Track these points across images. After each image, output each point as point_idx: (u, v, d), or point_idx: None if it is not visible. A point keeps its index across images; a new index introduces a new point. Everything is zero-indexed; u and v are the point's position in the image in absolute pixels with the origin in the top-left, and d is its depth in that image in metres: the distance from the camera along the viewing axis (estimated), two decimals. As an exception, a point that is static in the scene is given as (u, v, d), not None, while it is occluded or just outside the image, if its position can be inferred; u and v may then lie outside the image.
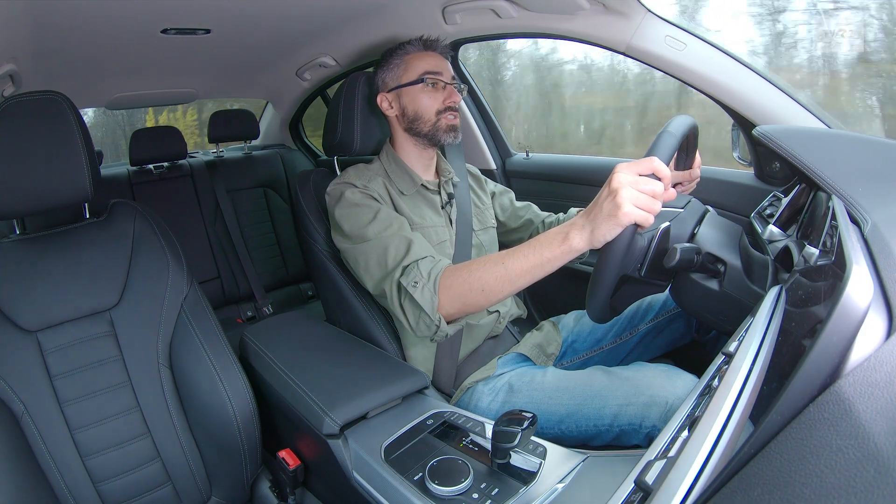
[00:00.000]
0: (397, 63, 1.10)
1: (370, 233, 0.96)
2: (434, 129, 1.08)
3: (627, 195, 0.65)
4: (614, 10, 1.06)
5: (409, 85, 1.08)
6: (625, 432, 0.84)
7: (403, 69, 1.10)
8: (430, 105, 1.08)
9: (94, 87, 1.66)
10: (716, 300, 0.74)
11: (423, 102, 1.08)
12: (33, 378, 0.87)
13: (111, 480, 0.90)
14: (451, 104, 1.08)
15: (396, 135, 1.14)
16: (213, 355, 0.97)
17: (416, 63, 1.09)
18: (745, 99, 1.03)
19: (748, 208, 0.92)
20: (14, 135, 0.85)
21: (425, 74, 1.07)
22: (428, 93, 1.08)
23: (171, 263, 1.01)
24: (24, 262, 0.92)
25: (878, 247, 0.45)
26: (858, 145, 0.77)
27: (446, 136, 1.09)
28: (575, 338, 1.17)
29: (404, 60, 1.10)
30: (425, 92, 1.08)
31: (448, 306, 0.86)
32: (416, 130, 1.09)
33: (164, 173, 1.98)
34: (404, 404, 0.89)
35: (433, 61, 1.09)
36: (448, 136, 1.09)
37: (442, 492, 0.66)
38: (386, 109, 1.12)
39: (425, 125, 1.08)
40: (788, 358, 0.43)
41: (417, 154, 1.12)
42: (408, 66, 1.09)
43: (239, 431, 0.94)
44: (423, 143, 1.11)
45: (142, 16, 1.12)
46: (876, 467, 0.27)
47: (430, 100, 1.08)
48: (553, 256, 0.75)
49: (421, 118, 1.08)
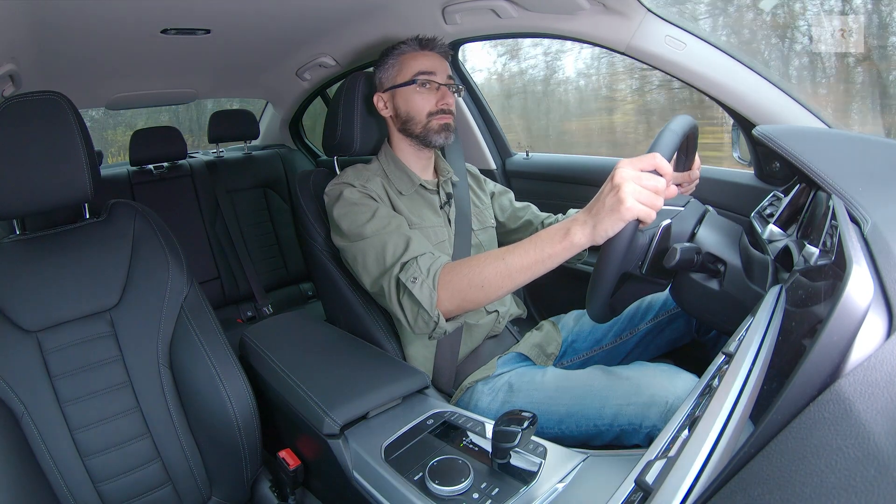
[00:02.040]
0: (392, 63, 1.10)
1: (368, 231, 0.95)
2: (425, 131, 1.08)
3: (630, 190, 0.65)
4: (614, 9, 1.06)
5: (403, 86, 1.08)
6: (625, 432, 0.84)
7: (398, 69, 1.09)
8: (423, 106, 1.07)
9: (94, 87, 1.66)
10: (716, 300, 0.74)
11: (415, 104, 1.07)
12: (34, 378, 0.87)
13: (111, 480, 0.90)
14: (443, 106, 1.07)
15: (392, 135, 1.14)
16: (213, 355, 0.96)
17: (411, 63, 1.08)
18: (745, 99, 1.03)
19: (748, 208, 0.92)
20: (14, 135, 0.85)
21: (418, 75, 1.07)
22: (421, 94, 1.07)
23: (171, 263, 1.01)
24: (24, 262, 0.92)
25: (878, 247, 0.45)
26: (858, 145, 0.77)
27: (437, 137, 1.08)
28: (575, 337, 1.17)
29: (399, 60, 1.10)
30: (418, 93, 1.07)
31: (447, 302, 0.85)
32: (408, 131, 1.09)
33: (164, 173, 1.98)
34: (404, 404, 0.89)
35: (428, 61, 1.08)
36: (439, 138, 1.08)
37: (442, 492, 0.66)
38: (381, 110, 1.12)
39: (416, 126, 1.08)
40: (788, 358, 0.43)
41: (414, 154, 1.12)
42: (402, 67, 1.09)
43: (239, 431, 0.94)
44: (417, 144, 1.10)
45: (142, 16, 1.12)
46: (876, 467, 0.27)
47: (422, 101, 1.07)
48: (554, 252, 0.75)
49: (412, 119, 1.08)
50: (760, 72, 1.02)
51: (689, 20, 1.05)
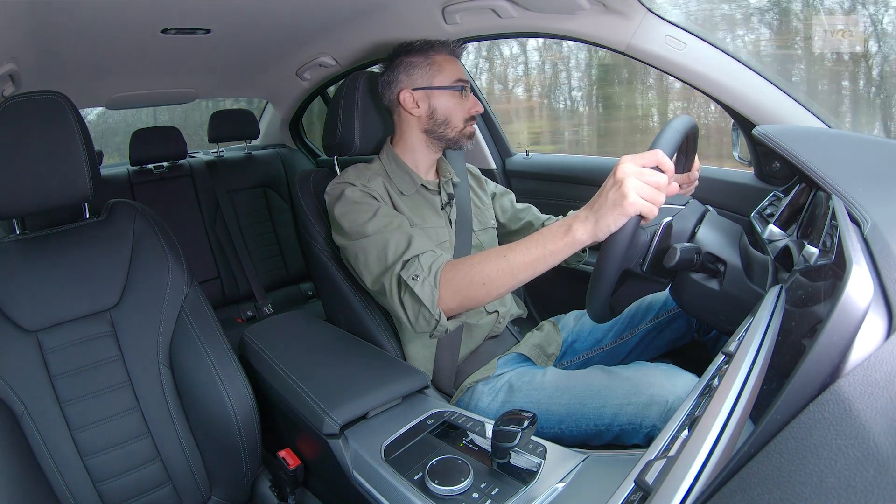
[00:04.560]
0: (426, 63, 1.09)
1: (370, 229, 0.95)
2: (459, 136, 1.11)
3: (633, 185, 0.66)
4: (614, 9, 1.06)
5: (445, 89, 1.08)
6: (625, 432, 0.85)
7: (437, 70, 1.09)
8: (461, 113, 1.10)
9: (94, 87, 1.66)
10: (716, 300, 0.74)
11: (455, 109, 1.10)
12: (34, 378, 0.87)
13: (111, 480, 0.90)
14: (474, 113, 1.12)
15: (408, 134, 1.12)
16: (213, 355, 0.96)
17: (449, 67, 1.09)
18: (745, 99, 1.03)
19: (748, 208, 0.92)
20: (14, 135, 0.85)
21: (458, 81, 1.09)
22: (460, 100, 1.10)
23: (171, 263, 1.01)
24: (24, 261, 0.92)
25: (878, 247, 0.45)
26: (858, 145, 0.77)
27: (468, 142, 1.14)
28: (575, 338, 1.17)
29: (435, 61, 1.09)
30: (457, 98, 1.10)
31: (448, 300, 0.85)
32: (438, 133, 1.10)
33: (164, 173, 1.98)
34: (404, 404, 0.89)
35: (460, 68, 1.12)
36: (470, 142, 1.14)
37: (442, 491, 0.66)
38: (411, 107, 1.09)
39: (452, 130, 1.10)
40: (788, 358, 0.43)
41: (425, 154, 1.12)
42: (441, 69, 1.09)
43: (239, 431, 0.94)
44: (437, 145, 1.12)
45: (142, 16, 1.12)
46: (876, 467, 0.27)
47: (461, 107, 1.10)
48: (556, 249, 0.75)
49: (449, 123, 1.10)
50: (760, 72, 1.02)
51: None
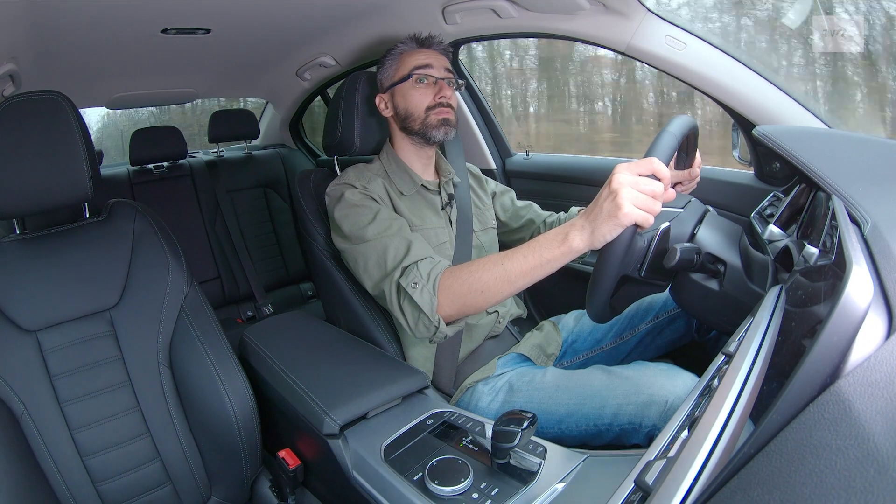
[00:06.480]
0: (391, 63, 1.10)
1: (369, 233, 0.95)
2: (424, 126, 1.06)
3: (627, 195, 0.65)
4: (614, 9, 1.06)
5: (400, 82, 1.07)
6: (625, 431, 0.85)
7: (395, 68, 1.09)
8: (421, 101, 1.06)
9: (94, 87, 1.66)
10: (716, 300, 0.74)
11: (413, 99, 1.06)
12: (33, 378, 0.87)
13: (111, 480, 0.90)
14: (441, 99, 1.05)
15: (394, 135, 1.13)
16: (213, 355, 0.96)
17: (407, 60, 1.08)
18: (745, 99, 1.03)
19: (748, 208, 0.92)
20: (14, 135, 0.84)
21: (415, 70, 1.06)
22: (418, 89, 1.06)
23: (171, 263, 1.01)
24: (24, 261, 0.92)
25: (878, 247, 0.45)
26: (858, 145, 0.77)
27: (437, 133, 1.06)
28: (575, 338, 1.17)
29: (397, 59, 1.10)
30: (415, 88, 1.06)
31: (447, 307, 0.86)
32: (409, 129, 1.08)
33: (164, 173, 1.98)
34: (404, 404, 0.89)
35: (424, 57, 1.08)
36: (439, 133, 1.06)
37: (442, 492, 0.66)
38: (382, 110, 1.12)
39: (415, 122, 1.07)
40: (788, 358, 0.43)
41: (415, 153, 1.12)
42: (399, 64, 1.09)
43: (239, 431, 0.94)
44: (418, 142, 1.10)
45: (142, 16, 1.12)
46: (876, 467, 0.27)
47: (420, 96, 1.06)
48: (553, 257, 0.75)
49: (411, 115, 1.07)
50: (760, 72, 1.02)
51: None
